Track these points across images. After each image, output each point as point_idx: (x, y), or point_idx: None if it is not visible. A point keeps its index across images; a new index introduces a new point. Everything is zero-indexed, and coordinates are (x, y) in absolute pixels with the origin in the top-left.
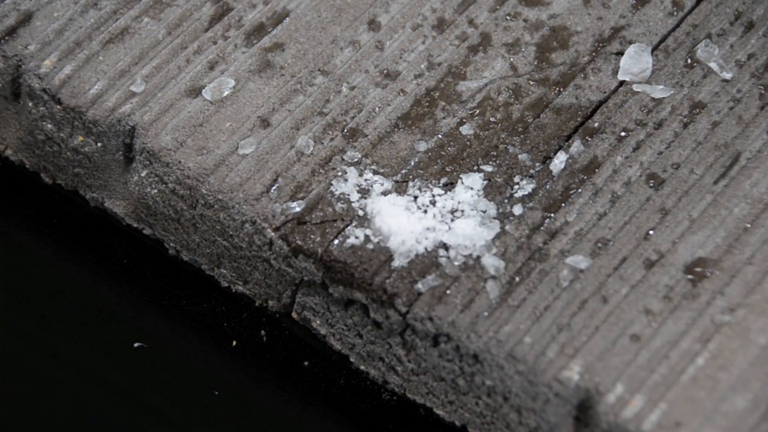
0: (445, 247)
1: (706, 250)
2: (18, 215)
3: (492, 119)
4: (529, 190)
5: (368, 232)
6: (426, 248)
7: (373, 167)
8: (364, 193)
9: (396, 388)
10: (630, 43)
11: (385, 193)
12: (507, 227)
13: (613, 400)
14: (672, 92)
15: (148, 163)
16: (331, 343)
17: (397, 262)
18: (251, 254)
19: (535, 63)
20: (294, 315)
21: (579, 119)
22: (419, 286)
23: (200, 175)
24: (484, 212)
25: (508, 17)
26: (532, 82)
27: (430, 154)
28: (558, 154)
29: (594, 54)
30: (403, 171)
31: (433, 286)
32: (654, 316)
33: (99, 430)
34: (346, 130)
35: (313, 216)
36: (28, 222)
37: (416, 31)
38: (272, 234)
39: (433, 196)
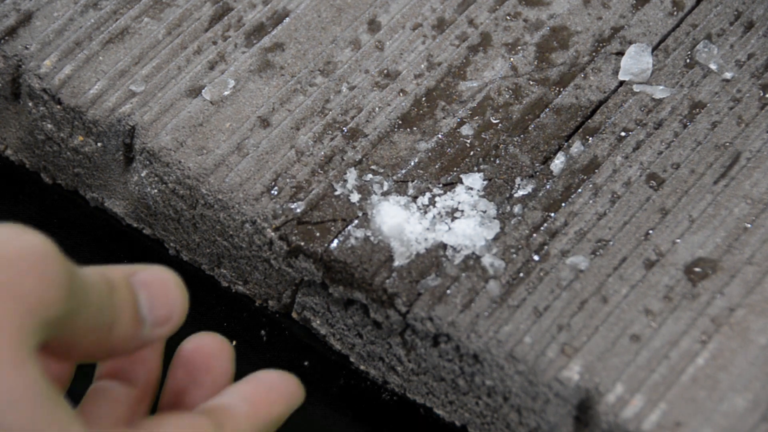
0: (445, 247)
1: (706, 250)
2: (18, 215)
3: (492, 119)
4: (529, 190)
5: (368, 232)
6: (426, 248)
7: (373, 167)
8: (364, 193)
9: (396, 388)
10: (630, 43)
11: (385, 194)
12: (507, 227)
13: (613, 400)
14: (672, 92)
15: (148, 163)
16: (331, 343)
17: (397, 262)
18: (251, 254)
19: (535, 63)
20: (294, 315)
21: (579, 119)
22: (419, 286)
23: (200, 175)
24: (484, 212)
25: (508, 17)
26: (532, 82)
27: (430, 154)
28: (558, 154)
29: (594, 54)
30: (403, 171)
31: (433, 286)
32: (654, 316)
33: None
34: (346, 130)
35: (313, 216)
36: (28, 222)
37: (416, 31)
38: (272, 234)
39: (433, 196)
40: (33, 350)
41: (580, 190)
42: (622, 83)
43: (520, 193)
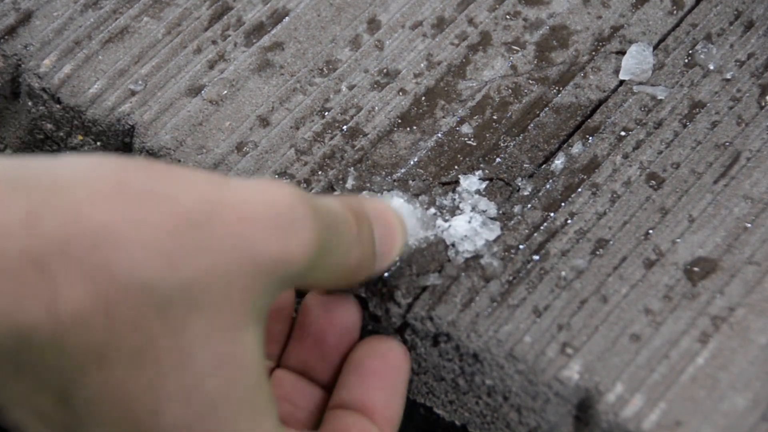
0: (445, 245)
1: (706, 249)
2: None
3: (492, 118)
4: (529, 189)
5: None
6: (426, 245)
7: (372, 166)
8: (364, 192)
9: None
10: (630, 42)
11: (385, 192)
12: (507, 227)
13: (613, 400)
14: (672, 91)
15: None
16: None
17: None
18: None
19: (535, 62)
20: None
21: (579, 118)
22: (419, 280)
23: None
24: (485, 212)
25: (507, 16)
26: (531, 81)
27: (429, 153)
28: (558, 153)
29: (594, 53)
30: (403, 170)
31: (434, 285)
32: (654, 316)
33: None
34: (345, 129)
35: None
36: None
37: (416, 30)
38: None
39: (433, 195)
40: (261, 311)
41: (579, 189)
42: (622, 82)
43: (520, 192)
